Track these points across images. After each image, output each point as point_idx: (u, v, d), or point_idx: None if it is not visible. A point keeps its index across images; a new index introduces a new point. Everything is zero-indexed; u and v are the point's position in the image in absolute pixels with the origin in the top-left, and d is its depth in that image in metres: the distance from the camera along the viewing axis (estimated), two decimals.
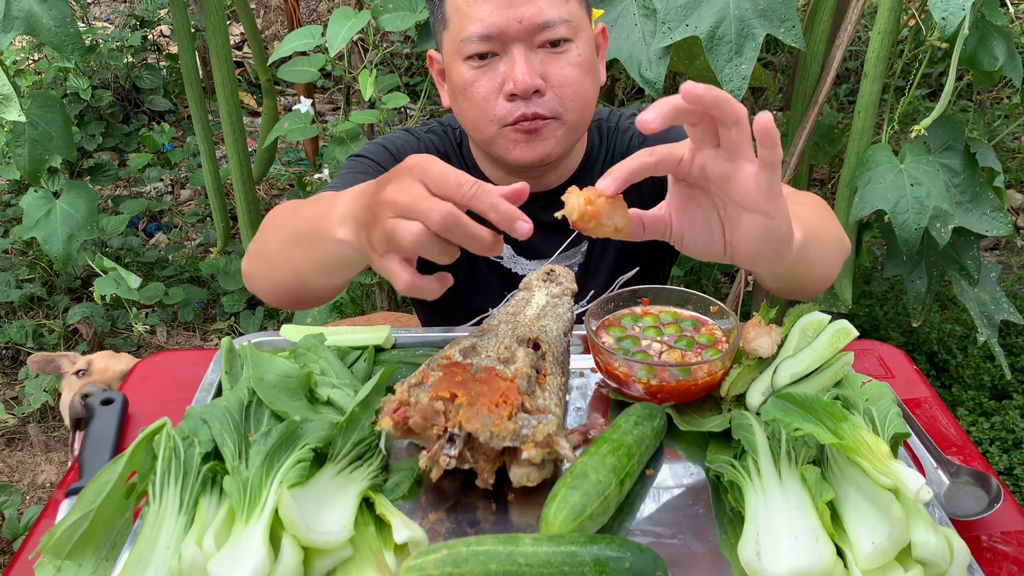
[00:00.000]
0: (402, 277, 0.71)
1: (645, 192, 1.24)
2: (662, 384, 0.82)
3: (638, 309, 0.95)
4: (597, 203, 0.75)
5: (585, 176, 1.22)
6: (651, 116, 0.65)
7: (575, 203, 0.73)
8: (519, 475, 0.71)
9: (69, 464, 1.73)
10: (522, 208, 0.85)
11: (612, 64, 1.64)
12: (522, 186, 0.70)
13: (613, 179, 0.72)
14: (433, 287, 0.73)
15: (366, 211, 0.74)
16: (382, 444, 0.75)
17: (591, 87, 1.10)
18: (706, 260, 0.78)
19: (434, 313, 1.34)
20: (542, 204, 1.13)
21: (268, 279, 0.98)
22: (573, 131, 1.10)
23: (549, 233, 1.14)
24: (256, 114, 4.22)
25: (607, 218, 0.77)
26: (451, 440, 0.69)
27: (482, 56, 1.03)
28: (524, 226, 0.68)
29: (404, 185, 0.70)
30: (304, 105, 2.10)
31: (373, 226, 0.72)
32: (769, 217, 0.69)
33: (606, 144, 1.26)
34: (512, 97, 1.03)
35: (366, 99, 1.95)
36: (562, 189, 1.11)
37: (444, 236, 0.69)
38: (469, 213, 0.69)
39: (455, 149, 1.24)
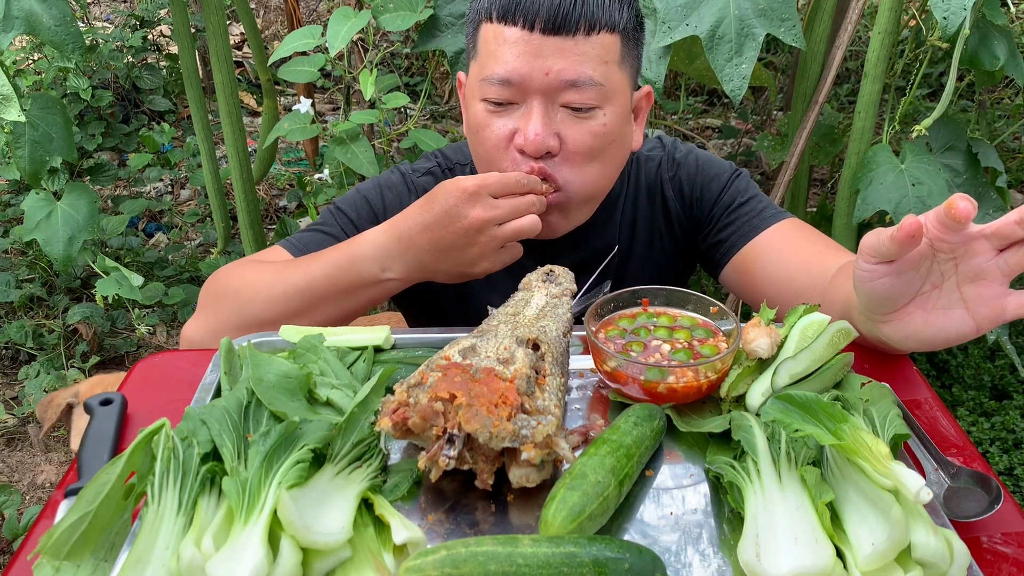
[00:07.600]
0: (519, 253, 0.96)
1: (668, 246, 1.21)
2: (661, 385, 0.82)
3: (638, 310, 0.95)
4: None
5: (605, 216, 1.14)
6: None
7: None
8: (518, 476, 0.71)
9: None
10: (545, 249, 1.10)
11: None
12: None
13: None
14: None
15: (442, 241, 0.93)
16: (382, 444, 0.75)
17: (611, 160, 1.01)
18: (870, 302, 0.76)
19: (454, 319, 1.30)
20: (568, 244, 1.11)
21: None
22: (578, 209, 1.04)
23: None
24: (256, 114, 4.22)
25: None
26: (450, 441, 0.69)
27: (499, 103, 0.97)
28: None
29: (485, 203, 0.90)
30: (304, 105, 2.09)
31: (472, 244, 0.92)
32: (980, 330, 0.71)
33: (631, 178, 1.17)
34: (522, 151, 0.97)
35: (366, 99, 1.95)
36: (585, 227, 1.10)
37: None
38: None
39: None
